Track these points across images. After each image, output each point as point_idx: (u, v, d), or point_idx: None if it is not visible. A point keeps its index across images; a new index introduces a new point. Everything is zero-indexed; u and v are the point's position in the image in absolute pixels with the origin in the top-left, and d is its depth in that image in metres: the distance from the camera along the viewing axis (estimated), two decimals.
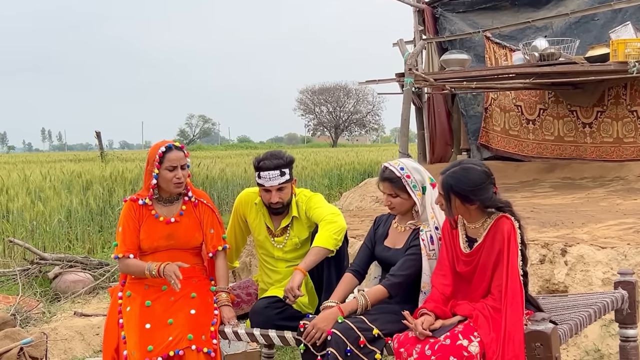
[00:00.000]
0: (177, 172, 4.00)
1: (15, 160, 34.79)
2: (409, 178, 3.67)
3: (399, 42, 10.78)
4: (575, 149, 11.44)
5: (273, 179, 4.02)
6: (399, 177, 3.68)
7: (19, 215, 10.47)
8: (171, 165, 3.99)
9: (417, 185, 3.68)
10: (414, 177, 3.68)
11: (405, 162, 3.74)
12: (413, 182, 3.67)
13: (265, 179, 4.04)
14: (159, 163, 3.99)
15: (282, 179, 4.03)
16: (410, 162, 3.75)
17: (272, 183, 4.03)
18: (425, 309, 3.40)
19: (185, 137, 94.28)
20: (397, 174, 3.68)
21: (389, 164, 3.75)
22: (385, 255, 3.78)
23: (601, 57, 9.00)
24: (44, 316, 6.51)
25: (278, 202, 4.08)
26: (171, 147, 4.01)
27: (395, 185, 3.70)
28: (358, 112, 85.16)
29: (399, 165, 3.71)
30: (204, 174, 15.73)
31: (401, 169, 3.69)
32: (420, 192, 3.69)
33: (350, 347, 3.41)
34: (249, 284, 4.50)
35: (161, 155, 3.99)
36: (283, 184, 4.05)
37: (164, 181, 4.03)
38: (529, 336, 3.10)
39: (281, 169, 4.03)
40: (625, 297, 3.90)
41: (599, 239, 5.61)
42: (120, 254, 4.00)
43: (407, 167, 3.70)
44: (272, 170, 4.02)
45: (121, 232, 4.05)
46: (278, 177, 4.03)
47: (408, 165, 3.71)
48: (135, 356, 3.68)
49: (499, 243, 3.33)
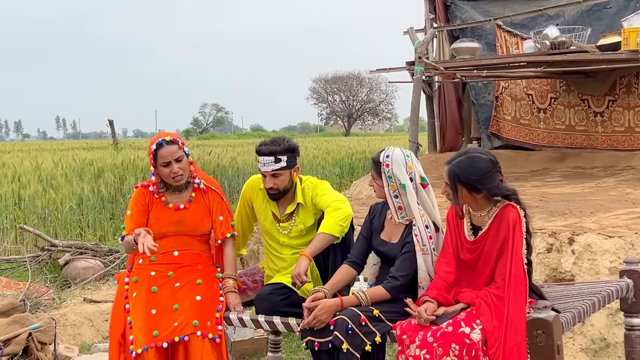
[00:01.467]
0: (172, 166, 4.01)
1: (29, 148, 35.01)
2: (387, 167, 3.67)
3: (409, 30, 10.72)
4: (586, 138, 11.38)
5: (267, 164, 4.05)
6: (380, 163, 3.70)
7: (30, 202, 10.55)
8: (164, 162, 4.01)
9: (392, 177, 3.66)
10: (392, 169, 3.67)
11: (397, 153, 3.71)
12: (389, 173, 3.67)
13: (261, 164, 4.09)
14: (153, 161, 4.03)
15: (277, 165, 4.04)
16: (401, 155, 3.70)
17: (266, 169, 4.06)
18: (428, 296, 3.42)
19: (198, 125, 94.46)
20: (381, 159, 3.71)
21: (387, 148, 3.76)
22: (382, 250, 3.79)
23: (613, 46, 8.92)
24: (53, 302, 6.57)
25: (272, 187, 4.10)
26: (161, 143, 4.01)
27: (375, 169, 3.74)
28: (371, 101, 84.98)
29: (386, 153, 3.72)
30: (214, 163, 15.76)
31: (386, 157, 3.70)
32: (395, 185, 3.67)
33: (351, 324, 3.43)
34: (255, 271, 4.52)
35: (153, 154, 4.02)
36: (277, 171, 4.06)
37: (163, 176, 4.07)
38: (531, 324, 3.10)
39: (277, 155, 4.04)
40: (630, 285, 3.90)
41: (607, 228, 5.59)
42: (125, 234, 4.02)
43: (392, 157, 3.69)
44: (267, 156, 4.05)
45: (129, 215, 4.09)
46: (272, 164, 4.04)
47: (396, 156, 3.69)
48: (140, 341, 3.71)
49: (504, 231, 3.33)
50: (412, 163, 3.71)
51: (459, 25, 12.39)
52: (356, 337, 3.43)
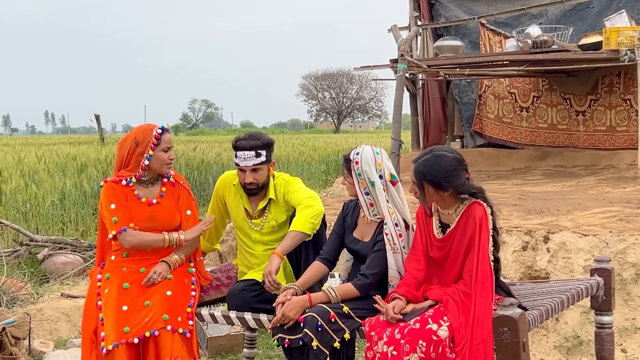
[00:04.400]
0: (170, 152, 4.08)
1: (15, 142, 34.79)
2: (357, 165, 3.68)
3: (393, 27, 10.72)
4: (568, 137, 11.45)
5: (248, 159, 4.06)
6: (350, 160, 3.72)
7: (12, 197, 10.48)
8: (167, 146, 4.05)
9: (362, 174, 3.67)
10: (362, 167, 3.67)
11: (367, 150, 3.71)
12: (359, 171, 3.68)
13: (240, 159, 4.09)
14: (154, 145, 4.02)
15: (257, 160, 4.06)
16: (371, 152, 3.70)
17: (247, 163, 4.07)
18: (397, 293, 3.43)
19: (188, 121, 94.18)
20: (351, 156, 3.72)
21: (358, 146, 3.78)
22: (354, 248, 3.81)
23: (594, 45, 8.99)
24: (31, 297, 6.54)
25: (252, 182, 4.11)
26: (164, 128, 4.08)
27: (346, 166, 3.76)
28: (361, 98, 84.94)
29: (357, 150, 3.73)
30: (199, 158, 15.69)
31: (356, 154, 3.71)
32: (365, 182, 3.68)
33: (320, 321, 3.44)
34: (229, 267, 4.52)
35: (158, 137, 4.03)
36: (258, 165, 4.08)
37: (157, 162, 4.05)
38: (497, 321, 3.11)
39: (257, 150, 4.06)
40: (600, 284, 3.92)
41: (582, 226, 5.63)
42: (131, 224, 4.00)
43: (362, 154, 3.70)
44: (247, 151, 4.06)
45: (116, 207, 4.00)
46: (253, 158, 4.06)
47: (365, 154, 3.69)
48: (111, 337, 3.70)
49: (470, 228, 3.35)
50: (381, 160, 3.71)
51: (442, 23, 12.44)
52: (325, 334, 3.45)
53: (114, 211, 4.01)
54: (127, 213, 4.02)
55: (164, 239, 4.02)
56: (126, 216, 4.00)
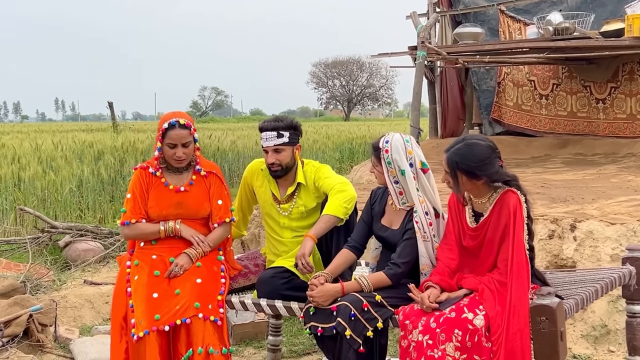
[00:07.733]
0: (177, 150, 3.99)
1: (28, 129, 34.95)
2: (387, 153, 3.65)
3: (412, 14, 10.69)
4: (588, 124, 11.36)
5: (270, 139, 4.08)
6: (380, 148, 3.68)
7: (30, 184, 10.53)
8: (171, 143, 3.99)
9: (392, 163, 3.64)
10: (392, 155, 3.64)
11: (396, 138, 3.68)
12: (389, 159, 3.65)
13: (263, 140, 4.12)
14: (161, 137, 4.00)
15: (279, 140, 4.07)
16: (401, 140, 3.67)
17: (269, 143, 4.08)
18: (431, 281, 3.41)
19: (197, 109, 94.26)
20: (380, 145, 3.69)
21: (386, 134, 3.75)
22: (382, 235, 3.78)
23: (616, 32, 8.89)
24: (54, 284, 6.55)
25: (274, 163, 4.10)
26: (174, 124, 3.98)
27: (375, 155, 3.73)
28: (371, 86, 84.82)
29: (386, 138, 3.70)
30: (215, 146, 15.74)
31: (386, 142, 3.67)
32: (394, 170, 3.65)
33: (353, 310, 3.43)
34: (256, 255, 4.50)
35: (163, 131, 3.99)
36: (280, 146, 4.08)
37: (166, 156, 4.05)
38: (534, 310, 3.09)
39: (279, 130, 4.08)
40: (632, 273, 3.89)
41: (609, 215, 5.59)
42: (134, 220, 4.00)
43: (392, 142, 3.66)
44: (269, 131, 4.08)
45: (130, 199, 4.05)
46: (274, 138, 4.07)
47: (395, 142, 3.66)
48: (142, 324, 3.70)
49: (505, 217, 3.32)
50: (411, 148, 3.68)
51: (462, 10, 12.34)
52: (358, 323, 3.44)
53: (127, 202, 4.06)
54: (142, 205, 4.03)
55: (160, 230, 4.02)
56: (137, 209, 4.02)
